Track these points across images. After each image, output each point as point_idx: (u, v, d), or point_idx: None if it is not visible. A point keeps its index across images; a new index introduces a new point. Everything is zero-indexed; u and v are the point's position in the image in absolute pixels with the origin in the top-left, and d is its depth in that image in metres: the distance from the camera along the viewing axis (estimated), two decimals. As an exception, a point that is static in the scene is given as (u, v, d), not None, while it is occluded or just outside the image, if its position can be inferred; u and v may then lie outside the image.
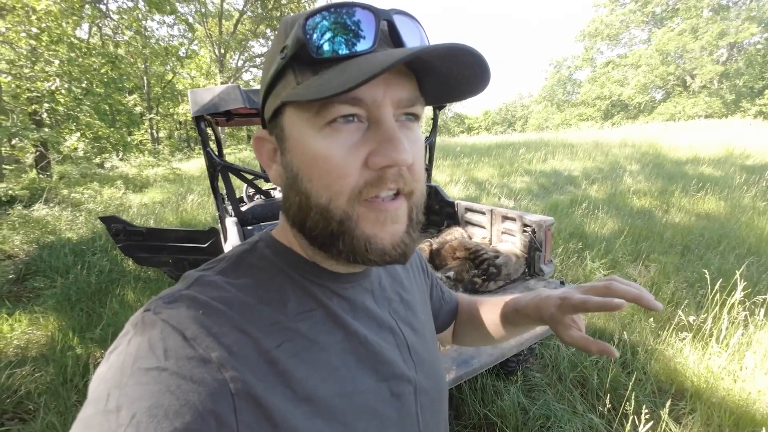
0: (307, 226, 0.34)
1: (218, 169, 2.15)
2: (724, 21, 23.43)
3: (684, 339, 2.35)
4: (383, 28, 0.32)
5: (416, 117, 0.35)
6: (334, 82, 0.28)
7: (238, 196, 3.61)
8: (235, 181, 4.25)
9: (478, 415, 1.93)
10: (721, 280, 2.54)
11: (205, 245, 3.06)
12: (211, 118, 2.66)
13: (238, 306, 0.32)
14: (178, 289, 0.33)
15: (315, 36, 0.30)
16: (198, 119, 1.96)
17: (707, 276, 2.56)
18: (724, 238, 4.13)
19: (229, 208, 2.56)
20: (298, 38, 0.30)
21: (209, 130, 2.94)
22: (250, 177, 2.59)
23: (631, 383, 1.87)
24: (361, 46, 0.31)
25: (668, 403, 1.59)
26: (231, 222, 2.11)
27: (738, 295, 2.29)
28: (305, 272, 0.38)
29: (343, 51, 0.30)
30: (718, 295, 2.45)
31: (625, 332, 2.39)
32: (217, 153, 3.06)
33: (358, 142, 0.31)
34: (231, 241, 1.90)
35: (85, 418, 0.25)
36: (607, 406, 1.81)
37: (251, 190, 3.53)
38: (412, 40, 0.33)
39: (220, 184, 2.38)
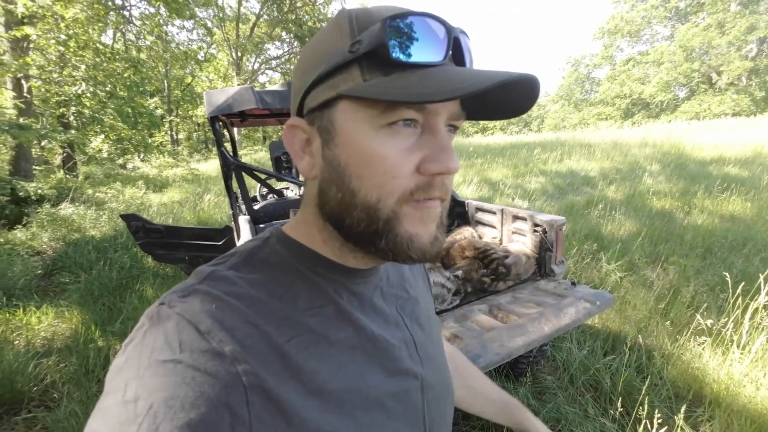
0: (347, 223, 0.34)
1: (232, 168, 2.21)
2: (753, 15, 22.43)
3: (703, 344, 2.27)
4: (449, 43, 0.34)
5: (456, 129, 0.37)
6: (416, 88, 0.29)
7: (251, 195, 3.69)
8: (249, 181, 4.34)
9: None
10: (743, 283, 2.44)
11: (220, 243, 3.14)
12: (226, 119, 2.73)
13: (249, 301, 0.33)
14: (191, 284, 0.33)
15: (395, 39, 0.31)
16: (213, 120, 2.01)
17: (729, 279, 2.46)
18: (749, 241, 3.96)
19: (243, 206, 2.62)
20: (378, 38, 0.30)
21: (225, 131, 3.02)
22: (263, 176, 2.65)
23: (645, 387, 1.82)
24: (435, 57, 0.32)
25: (683, 408, 1.54)
26: (244, 220, 2.16)
27: (762, 299, 2.19)
28: (316, 267, 0.38)
29: (420, 59, 0.31)
30: (740, 299, 2.36)
31: (640, 336, 2.33)
32: (231, 153, 3.14)
33: (413, 146, 0.32)
34: (244, 238, 1.95)
35: (104, 408, 0.26)
36: (619, 410, 1.77)
37: (264, 190, 3.60)
38: (468, 60, 0.35)
39: (234, 183, 2.44)
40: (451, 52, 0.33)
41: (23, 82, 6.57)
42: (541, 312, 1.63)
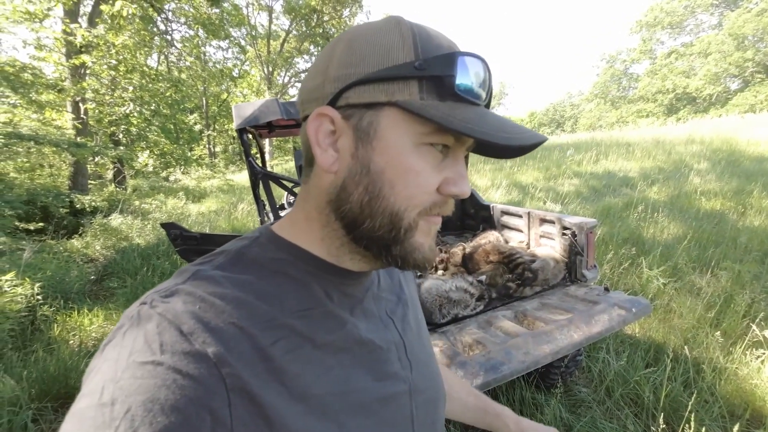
0: (367, 226, 0.35)
1: (259, 177, 2.31)
2: (816, -5, 20.38)
3: (761, 357, 2.06)
4: None
5: (467, 157, 0.41)
6: (475, 124, 0.33)
7: (279, 203, 3.82)
8: (278, 190, 4.50)
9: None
10: (809, 290, 2.20)
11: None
12: (255, 131, 2.86)
13: (234, 302, 0.32)
14: (174, 283, 0.33)
15: (461, 74, 0.34)
16: (241, 131, 2.12)
17: (791, 286, 2.22)
18: (817, 244, 3.56)
19: (270, 214, 2.71)
20: (449, 67, 0.33)
21: (254, 143, 3.16)
22: (289, 185, 2.74)
23: (691, 403, 1.67)
24: (481, 96, 0.36)
25: (737, 428, 1.40)
26: (271, 227, 2.23)
27: (831, 308, 1.96)
28: (309, 267, 0.38)
29: (473, 98, 0.35)
30: (805, 308, 2.12)
31: (686, 347, 2.15)
32: (260, 163, 3.28)
33: (438, 167, 0.36)
34: None
35: (79, 411, 0.25)
36: (662, 426, 1.63)
37: (291, 198, 3.72)
38: (492, 92, 0.39)
39: (262, 192, 2.54)
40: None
41: (80, 104, 7.27)
42: (571, 319, 1.55)
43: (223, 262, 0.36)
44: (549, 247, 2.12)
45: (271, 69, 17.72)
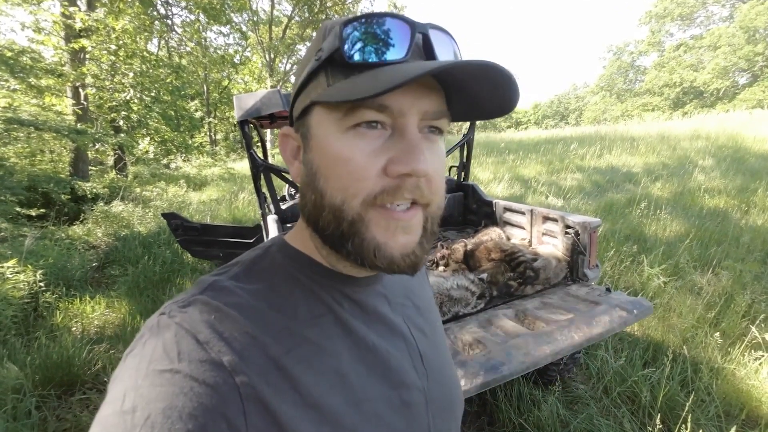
0: (320, 225, 0.35)
1: (260, 169, 2.29)
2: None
3: (760, 359, 2.06)
4: (418, 41, 0.33)
5: (440, 131, 0.36)
6: (363, 86, 0.29)
7: (280, 196, 3.80)
8: (279, 181, 4.47)
9: (513, 423, 1.86)
10: (811, 293, 2.19)
11: (251, 240, 3.27)
12: (256, 122, 2.83)
13: (249, 311, 0.33)
14: (191, 294, 0.34)
15: (349, 42, 0.31)
16: (242, 123, 2.09)
17: (793, 288, 2.22)
18: (820, 244, 3.55)
19: (271, 206, 2.71)
20: (334, 42, 0.32)
21: (255, 134, 3.13)
22: (290, 177, 2.72)
23: (689, 403, 1.69)
24: (393, 55, 0.31)
25: (734, 430, 1.41)
26: (272, 219, 2.23)
27: (833, 311, 1.96)
28: (316, 276, 0.38)
29: (374, 58, 0.31)
30: (806, 310, 2.12)
31: (685, 346, 2.16)
32: (262, 155, 3.25)
33: (380, 148, 0.32)
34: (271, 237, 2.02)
35: (103, 418, 0.26)
36: (659, 426, 1.65)
37: (292, 190, 3.70)
38: (444, 55, 0.34)
39: (263, 183, 2.53)
40: (419, 50, 0.33)
41: (80, 90, 7.18)
42: (572, 319, 1.55)
43: (238, 272, 0.37)
44: (551, 245, 2.11)
45: (272, 56, 17.47)
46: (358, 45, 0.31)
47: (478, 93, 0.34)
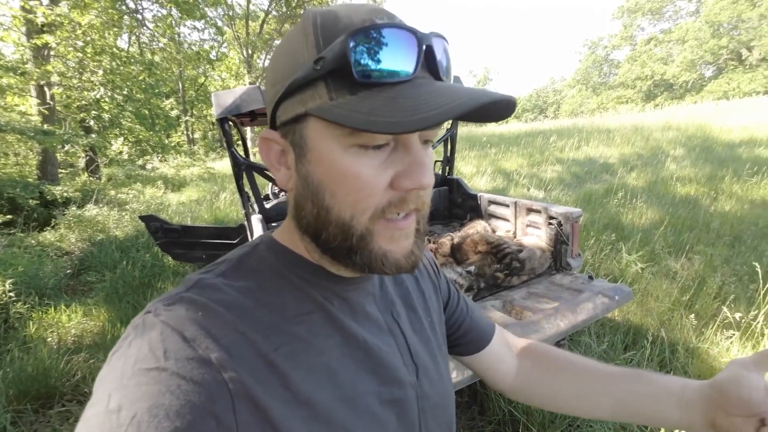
0: (323, 238, 0.35)
1: (243, 168, 2.23)
2: (788, -16, 20.98)
3: (731, 338, 2.18)
4: (422, 51, 0.32)
5: (430, 142, 0.36)
6: (382, 113, 0.28)
7: (263, 194, 3.73)
8: (261, 180, 4.39)
9: (503, 411, 1.90)
10: (775, 273, 2.33)
11: (235, 241, 3.21)
12: (236, 119, 2.76)
13: (237, 308, 0.33)
14: (177, 292, 0.33)
15: (358, 56, 0.29)
16: (222, 121, 2.03)
17: (759, 269, 2.35)
18: (782, 227, 3.76)
19: (255, 205, 2.66)
20: (341, 55, 0.29)
21: (235, 131, 3.05)
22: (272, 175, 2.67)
23: (667, 383, 1.76)
24: (404, 71, 0.30)
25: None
26: (256, 219, 2.19)
27: (795, 290, 2.09)
28: (305, 274, 0.38)
29: (388, 78, 0.30)
30: (771, 290, 2.25)
31: (663, 329, 2.26)
32: (243, 153, 3.18)
33: (385, 162, 0.32)
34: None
35: (87, 418, 0.26)
36: (641, 406, 1.72)
37: (276, 188, 3.64)
38: (443, 63, 0.34)
39: (246, 182, 2.47)
40: (424, 63, 0.32)
41: (46, 89, 6.82)
42: (557, 308, 1.59)
43: (225, 269, 0.36)
44: (535, 236, 2.16)
45: (250, 51, 17.07)
46: (368, 61, 0.29)
47: (479, 113, 0.34)
